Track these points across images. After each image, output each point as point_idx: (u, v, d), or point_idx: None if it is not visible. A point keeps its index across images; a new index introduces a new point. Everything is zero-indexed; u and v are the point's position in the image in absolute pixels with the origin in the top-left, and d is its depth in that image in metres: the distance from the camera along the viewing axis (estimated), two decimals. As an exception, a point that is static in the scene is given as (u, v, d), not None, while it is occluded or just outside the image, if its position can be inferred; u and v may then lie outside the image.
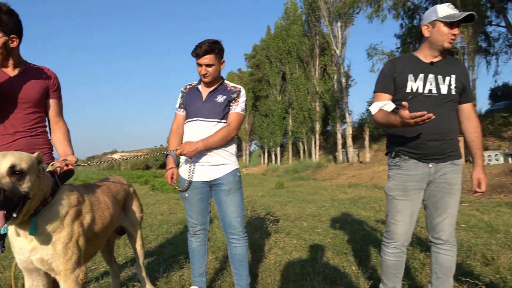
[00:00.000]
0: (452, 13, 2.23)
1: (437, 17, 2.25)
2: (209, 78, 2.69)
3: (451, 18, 2.21)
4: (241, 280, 2.71)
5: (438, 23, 2.26)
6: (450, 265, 2.40)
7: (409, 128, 2.20)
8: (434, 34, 2.30)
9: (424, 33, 2.36)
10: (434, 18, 2.27)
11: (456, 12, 2.25)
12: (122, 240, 4.40)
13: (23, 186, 1.76)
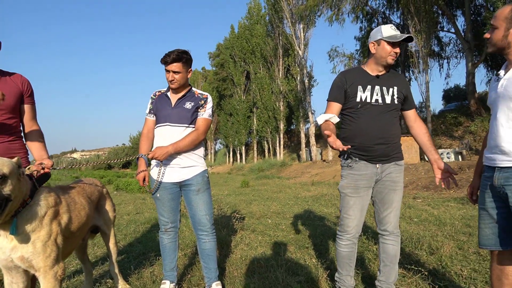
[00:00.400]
0: (394, 34, 2.54)
1: (382, 36, 2.56)
2: (175, 84, 2.87)
3: (394, 39, 2.53)
4: (210, 273, 2.92)
5: (383, 42, 2.57)
6: (395, 253, 2.71)
7: (358, 133, 2.59)
8: (379, 51, 2.60)
9: (371, 50, 2.66)
10: (379, 37, 2.57)
11: (398, 33, 2.56)
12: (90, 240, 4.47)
13: (5, 190, 1.89)
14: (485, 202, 2.13)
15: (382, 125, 2.61)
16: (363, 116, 2.64)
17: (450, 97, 33.47)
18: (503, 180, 1.99)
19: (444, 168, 2.58)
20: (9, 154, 2.31)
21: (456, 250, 3.90)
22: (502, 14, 2.00)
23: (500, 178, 2.00)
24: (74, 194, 2.51)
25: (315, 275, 3.27)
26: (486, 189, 2.13)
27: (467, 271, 3.26)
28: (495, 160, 2.04)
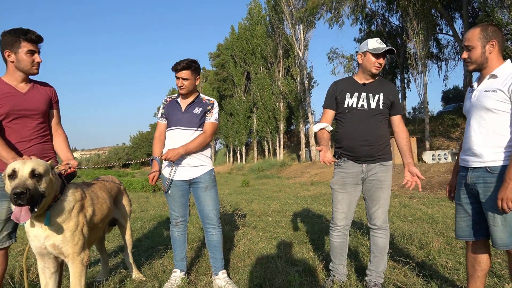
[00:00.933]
0: (378, 47, 2.85)
1: (367, 48, 2.87)
2: (184, 90, 3.17)
3: (377, 51, 2.84)
4: (217, 263, 3.21)
5: (368, 54, 2.88)
6: (384, 245, 2.99)
7: (345, 135, 2.94)
8: (365, 62, 2.92)
9: (359, 61, 3.00)
10: (365, 49, 2.89)
11: (382, 46, 2.86)
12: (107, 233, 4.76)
13: (41, 187, 2.18)
14: (460, 199, 2.44)
15: (367, 128, 2.90)
16: (349, 120, 2.96)
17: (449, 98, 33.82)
18: (474, 179, 2.29)
19: (413, 172, 2.88)
20: (42, 154, 2.65)
21: (444, 245, 4.18)
22: (475, 35, 2.30)
23: (472, 177, 2.31)
24: (96, 189, 2.81)
25: (312, 265, 3.56)
26: (461, 186, 2.43)
27: (452, 263, 3.54)
28: (468, 161, 2.35)
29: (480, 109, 2.28)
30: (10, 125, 2.57)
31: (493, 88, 2.23)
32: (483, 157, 2.26)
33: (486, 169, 2.25)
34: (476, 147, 2.29)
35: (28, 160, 2.23)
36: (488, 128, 2.25)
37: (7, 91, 2.56)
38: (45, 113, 2.73)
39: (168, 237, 5.03)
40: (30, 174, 2.14)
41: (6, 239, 2.61)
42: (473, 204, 2.38)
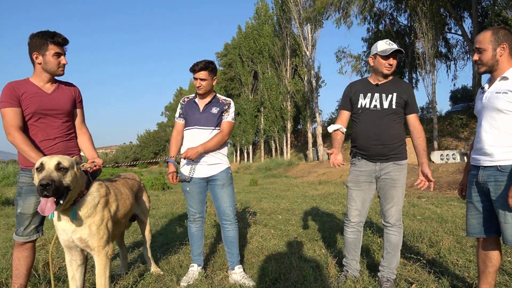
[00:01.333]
0: (386, 48, 2.94)
1: (377, 51, 2.97)
2: (202, 90, 3.27)
3: (385, 52, 2.92)
4: (233, 258, 3.31)
5: (378, 56, 2.98)
6: (397, 243, 3.07)
7: (359, 135, 3.05)
8: (376, 64, 3.02)
9: (370, 63, 3.10)
10: (375, 52, 2.99)
11: (390, 47, 2.94)
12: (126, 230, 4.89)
13: (66, 180, 2.30)
14: (471, 196, 2.51)
15: (379, 127, 2.99)
16: (363, 120, 3.07)
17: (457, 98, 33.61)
18: (486, 177, 2.37)
19: (424, 173, 2.96)
20: (67, 151, 2.78)
21: (454, 243, 4.23)
22: (486, 38, 2.38)
23: (484, 176, 2.38)
24: (120, 185, 2.93)
25: (325, 262, 3.65)
26: (472, 185, 2.50)
27: (462, 261, 3.61)
28: (479, 160, 2.42)
29: (491, 110, 2.35)
30: (37, 124, 2.70)
31: (504, 90, 2.31)
32: (494, 156, 2.33)
33: (497, 168, 2.32)
34: (487, 146, 2.36)
35: (54, 155, 2.36)
36: (499, 129, 2.33)
37: (34, 91, 2.68)
38: (70, 112, 2.85)
39: (181, 234, 5.16)
40: (56, 167, 2.27)
41: (34, 232, 2.75)
42: (484, 202, 2.45)
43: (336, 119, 3.24)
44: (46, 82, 2.76)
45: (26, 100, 2.64)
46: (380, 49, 2.95)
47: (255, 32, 34.24)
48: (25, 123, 2.67)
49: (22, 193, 2.70)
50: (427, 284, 2.99)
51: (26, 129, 2.69)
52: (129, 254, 4.23)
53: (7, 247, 4.64)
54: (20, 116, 2.63)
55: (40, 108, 2.68)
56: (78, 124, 2.95)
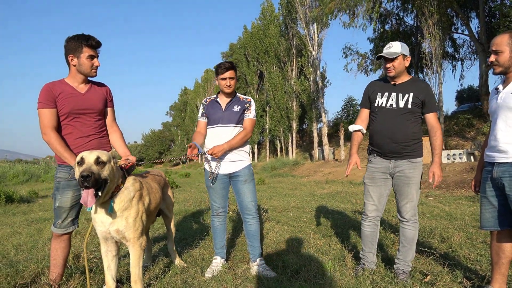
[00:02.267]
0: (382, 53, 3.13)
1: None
2: (231, 89, 3.44)
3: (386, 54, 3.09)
4: (255, 250, 3.46)
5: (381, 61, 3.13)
6: (412, 237, 3.20)
7: (375, 132, 3.20)
8: (383, 67, 3.23)
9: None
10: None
11: (386, 51, 3.11)
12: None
13: (104, 173, 2.46)
14: (486, 191, 2.66)
15: (394, 126, 3.12)
16: (379, 118, 3.22)
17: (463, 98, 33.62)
18: (500, 173, 2.51)
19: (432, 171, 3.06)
20: (101, 148, 2.96)
21: (465, 239, 4.36)
22: (504, 40, 2.52)
23: (498, 172, 2.53)
24: (150, 181, 3.09)
25: (341, 255, 3.79)
26: (487, 180, 2.65)
27: (474, 255, 3.73)
28: (494, 157, 2.57)
29: (506, 109, 2.50)
30: (72, 123, 2.87)
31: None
32: (508, 153, 2.48)
33: (511, 164, 2.46)
34: (502, 144, 2.51)
35: (93, 150, 2.53)
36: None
37: (69, 92, 2.85)
38: (102, 111, 3.02)
39: (198, 229, 5.32)
40: (95, 160, 2.45)
41: (70, 225, 2.92)
42: (498, 197, 2.60)
43: (357, 117, 3.40)
44: (80, 83, 2.93)
45: (62, 101, 2.81)
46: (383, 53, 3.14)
47: (261, 32, 34.36)
48: (59, 122, 2.84)
49: (60, 188, 2.87)
50: (441, 276, 3.12)
51: (60, 128, 2.86)
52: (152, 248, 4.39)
53: (33, 241, 4.83)
54: (55, 116, 2.81)
55: (75, 108, 2.85)
56: (109, 122, 3.12)
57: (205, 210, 7.21)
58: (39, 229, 5.73)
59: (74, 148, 2.84)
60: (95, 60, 2.90)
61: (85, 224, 5.61)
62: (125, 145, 3.12)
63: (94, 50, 2.88)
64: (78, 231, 5.07)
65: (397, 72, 3.13)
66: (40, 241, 4.77)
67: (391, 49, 3.11)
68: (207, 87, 50.46)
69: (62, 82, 2.89)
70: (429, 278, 3.14)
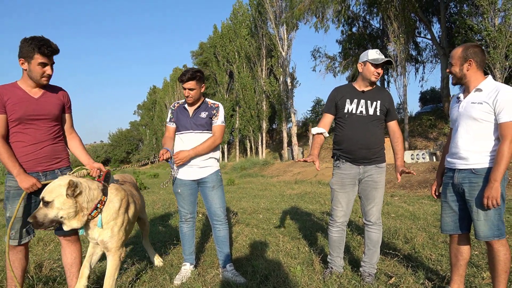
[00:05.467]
0: (377, 57, 3.13)
1: (368, 59, 3.15)
2: (191, 100, 3.40)
3: (376, 61, 3.12)
4: (224, 256, 3.46)
5: (368, 63, 3.16)
6: (377, 239, 3.31)
7: (345, 139, 3.22)
8: (365, 71, 3.20)
9: (359, 69, 3.27)
10: (365, 59, 3.17)
11: (381, 57, 3.15)
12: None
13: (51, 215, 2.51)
14: (446, 196, 2.78)
15: (364, 132, 3.19)
16: (349, 125, 3.24)
17: (427, 99, 34.86)
18: (461, 179, 2.64)
19: (401, 172, 3.20)
20: (55, 155, 2.83)
21: (427, 239, 4.54)
22: (456, 54, 2.66)
23: (459, 178, 2.65)
24: (130, 187, 3.12)
25: (310, 259, 3.85)
26: (447, 186, 2.77)
27: (435, 255, 3.90)
28: (455, 163, 2.69)
29: (467, 118, 2.62)
30: (23, 129, 2.70)
31: (479, 101, 2.57)
32: (468, 160, 2.60)
33: (471, 171, 2.59)
34: (462, 151, 2.63)
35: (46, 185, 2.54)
36: (474, 135, 2.59)
37: (20, 97, 2.67)
38: (58, 117, 2.85)
39: (166, 234, 5.26)
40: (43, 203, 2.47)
41: (25, 235, 2.78)
42: (458, 202, 2.72)
43: (319, 121, 3.39)
44: (34, 87, 2.73)
45: (12, 106, 2.63)
46: (371, 57, 3.13)
47: (231, 32, 34.25)
48: (9, 128, 2.67)
49: (10, 197, 2.71)
50: (405, 277, 3.23)
51: (11, 133, 2.69)
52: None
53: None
54: (4, 123, 2.63)
55: (27, 114, 2.67)
56: (68, 128, 2.98)
57: (174, 213, 7.12)
58: (1, 236, 5.48)
59: (24, 156, 2.69)
60: (47, 68, 2.69)
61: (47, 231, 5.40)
62: (86, 152, 3.00)
63: (47, 58, 2.67)
64: (40, 238, 4.89)
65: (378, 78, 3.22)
66: (2, 249, 4.55)
67: (382, 55, 3.15)
68: (176, 86, 49.79)
69: (15, 86, 2.70)
70: (394, 280, 3.24)
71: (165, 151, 3.29)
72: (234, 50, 33.99)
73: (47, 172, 2.77)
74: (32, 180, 2.62)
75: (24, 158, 2.69)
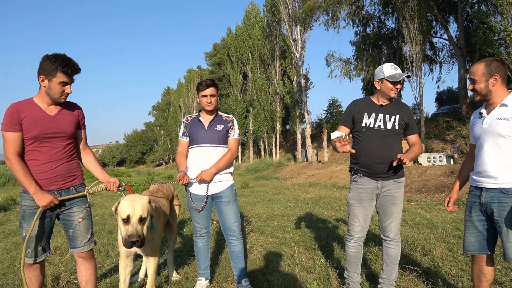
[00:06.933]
0: (394, 74, 3.05)
1: (384, 76, 3.07)
2: (212, 106, 3.39)
3: (394, 78, 3.04)
4: (239, 272, 3.43)
5: (385, 81, 3.09)
6: (396, 255, 3.23)
7: (362, 153, 3.15)
8: (383, 88, 3.13)
9: (376, 86, 3.20)
10: (382, 76, 3.09)
11: (398, 72, 3.07)
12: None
13: (145, 230, 2.86)
14: (471, 216, 2.68)
15: (382, 147, 3.13)
16: (366, 139, 3.18)
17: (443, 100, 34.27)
18: (489, 199, 2.54)
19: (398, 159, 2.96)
20: (69, 173, 2.82)
21: (446, 252, 4.43)
22: (479, 70, 2.56)
23: (487, 197, 2.56)
24: (161, 198, 3.53)
25: (326, 273, 3.79)
26: (474, 205, 2.67)
27: (455, 270, 3.79)
28: (482, 182, 2.60)
29: (493, 135, 2.52)
30: (39, 148, 2.69)
31: (505, 117, 2.48)
32: (497, 179, 2.50)
33: (500, 190, 2.49)
34: (490, 169, 2.53)
35: (136, 206, 2.78)
36: (502, 153, 2.49)
37: (37, 115, 2.66)
38: (73, 134, 2.84)
39: (182, 243, 5.25)
40: (139, 220, 2.75)
41: (41, 253, 2.79)
42: (483, 222, 2.63)
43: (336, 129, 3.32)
44: (50, 104, 2.73)
45: (28, 125, 2.62)
46: (387, 74, 3.05)
47: (245, 34, 34.31)
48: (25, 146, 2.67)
49: (26, 217, 2.70)
50: (424, 296, 3.15)
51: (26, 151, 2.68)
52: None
53: (10, 258, 4.67)
54: (20, 141, 2.63)
55: (43, 132, 2.67)
56: (82, 145, 2.98)
57: (188, 220, 7.12)
58: (17, 243, 5.55)
59: (40, 174, 2.69)
60: (67, 87, 2.69)
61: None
62: (100, 167, 3.01)
63: (68, 77, 2.68)
64: (58, 247, 4.94)
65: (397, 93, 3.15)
66: (17, 259, 4.60)
67: (398, 71, 3.08)
68: (190, 87, 50.08)
69: (31, 102, 2.69)
70: (413, 298, 3.16)
71: (183, 175, 3.31)
72: (248, 51, 34.03)
73: (62, 190, 2.77)
74: (49, 198, 2.63)
75: (39, 176, 2.68)
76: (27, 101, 2.71)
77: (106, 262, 4.46)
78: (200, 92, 3.38)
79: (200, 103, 3.43)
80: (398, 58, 22.62)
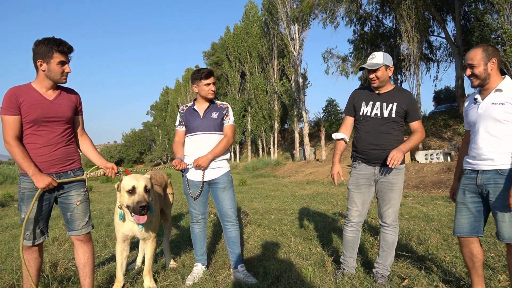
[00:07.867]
0: (368, 63, 3.16)
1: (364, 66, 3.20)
2: (213, 94, 3.45)
3: (368, 67, 3.15)
4: (235, 257, 3.46)
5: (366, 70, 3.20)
6: (393, 241, 3.27)
7: (359, 140, 3.25)
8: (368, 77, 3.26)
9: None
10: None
11: (371, 61, 3.15)
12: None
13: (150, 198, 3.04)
14: (465, 197, 2.73)
15: (378, 134, 3.18)
16: (364, 127, 3.25)
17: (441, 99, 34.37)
18: (485, 180, 2.60)
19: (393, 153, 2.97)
20: (68, 157, 2.85)
21: (441, 241, 4.47)
22: (477, 55, 2.61)
23: (483, 179, 2.62)
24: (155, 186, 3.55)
25: (321, 260, 3.83)
26: (467, 187, 2.72)
27: (449, 257, 3.84)
28: (478, 165, 2.65)
29: (488, 119, 2.57)
30: (37, 131, 2.72)
31: (500, 101, 2.54)
32: (494, 161, 2.55)
33: (497, 171, 2.55)
34: (486, 152, 2.59)
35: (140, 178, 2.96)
36: (497, 136, 2.55)
37: (35, 99, 2.69)
38: (70, 119, 2.87)
39: (179, 234, 5.29)
40: (144, 189, 2.93)
41: (40, 235, 2.80)
42: (477, 203, 2.68)
43: (341, 125, 3.43)
44: (48, 89, 2.76)
45: (27, 108, 2.65)
46: (365, 64, 3.18)
47: (243, 33, 34.30)
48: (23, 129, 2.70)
49: (25, 199, 2.73)
50: (418, 279, 3.19)
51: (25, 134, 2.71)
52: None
53: (7, 249, 4.70)
54: (19, 124, 2.66)
55: (42, 116, 2.70)
56: (79, 131, 3.01)
57: (186, 213, 7.15)
58: (15, 236, 5.59)
59: (38, 157, 2.72)
60: (66, 66, 2.74)
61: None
62: (97, 153, 3.03)
63: (65, 56, 2.73)
64: (55, 238, 4.96)
65: (380, 82, 3.17)
66: (15, 249, 4.63)
67: (373, 60, 3.15)
68: (188, 87, 50.05)
69: (29, 87, 2.72)
70: (407, 282, 3.20)
71: (179, 161, 3.35)
72: (246, 51, 34.05)
73: (60, 173, 2.79)
74: (48, 179, 2.65)
75: (38, 159, 2.71)
76: (25, 86, 2.74)
77: (104, 252, 4.49)
78: (202, 81, 3.41)
79: (201, 92, 3.45)
80: (395, 57, 22.68)
